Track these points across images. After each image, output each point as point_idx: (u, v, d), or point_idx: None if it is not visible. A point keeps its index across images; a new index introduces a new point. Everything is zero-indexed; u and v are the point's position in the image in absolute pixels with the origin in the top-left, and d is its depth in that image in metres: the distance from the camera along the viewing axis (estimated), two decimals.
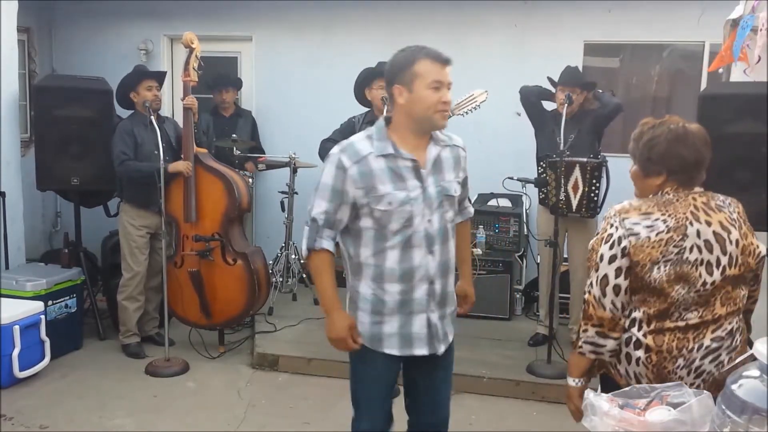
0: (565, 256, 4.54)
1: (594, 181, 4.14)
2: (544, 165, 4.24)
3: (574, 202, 4.21)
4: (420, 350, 2.22)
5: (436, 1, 5.59)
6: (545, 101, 4.48)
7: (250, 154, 5.41)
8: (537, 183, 4.34)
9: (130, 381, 4.08)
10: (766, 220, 2.79)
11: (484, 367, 4.12)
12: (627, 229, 1.97)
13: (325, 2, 5.77)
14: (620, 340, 2.04)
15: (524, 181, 4.65)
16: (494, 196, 5.33)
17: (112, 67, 5.20)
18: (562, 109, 4.12)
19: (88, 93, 4.58)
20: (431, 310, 2.24)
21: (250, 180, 5.24)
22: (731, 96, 3.15)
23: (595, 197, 4.17)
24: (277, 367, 4.29)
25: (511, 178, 4.59)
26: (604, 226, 2.03)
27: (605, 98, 4.35)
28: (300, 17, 5.89)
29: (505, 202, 5.31)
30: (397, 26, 5.66)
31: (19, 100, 4.95)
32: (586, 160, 4.15)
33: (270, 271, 4.84)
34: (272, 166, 5.32)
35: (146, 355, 4.41)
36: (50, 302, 4.29)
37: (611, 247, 1.98)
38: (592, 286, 2.03)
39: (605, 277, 2.00)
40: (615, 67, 5.82)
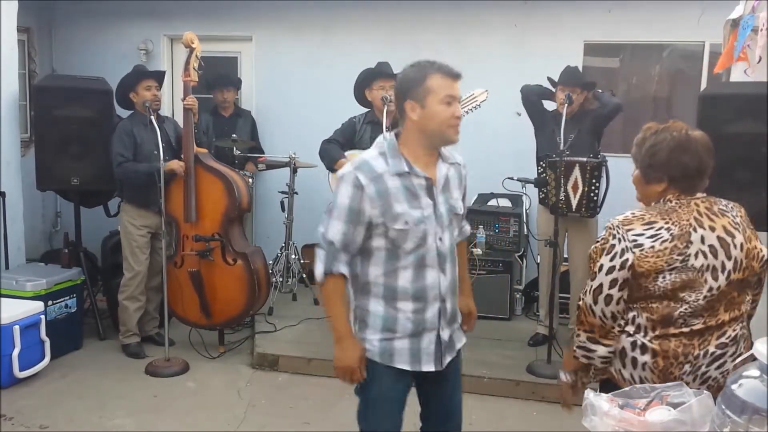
0: (565, 256, 4.54)
1: (594, 181, 4.14)
2: (544, 165, 4.24)
3: (574, 202, 4.21)
4: (428, 366, 2.21)
5: (436, 1, 5.59)
6: (546, 101, 4.48)
7: (250, 154, 5.41)
8: (537, 183, 4.34)
9: (130, 381, 4.08)
10: (766, 221, 2.79)
11: (484, 367, 4.12)
12: (631, 242, 1.96)
13: (325, 2, 5.78)
14: (612, 349, 2.04)
15: (524, 181, 4.65)
16: (494, 196, 5.33)
17: (112, 67, 5.20)
18: (562, 109, 4.12)
19: (88, 93, 4.58)
20: (442, 328, 2.22)
21: (250, 180, 5.24)
22: (731, 96, 3.15)
23: (595, 197, 4.17)
24: (277, 367, 4.30)
25: (511, 178, 4.60)
26: (606, 237, 2.02)
27: (605, 98, 4.35)
28: (300, 17, 5.89)
29: (505, 202, 5.31)
30: (397, 26, 5.66)
31: (19, 100, 4.95)
32: (585, 159, 4.15)
33: (270, 271, 4.84)
34: (272, 166, 5.32)
35: (146, 355, 4.41)
36: (50, 302, 4.29)
37: (612, 259, 1.98)
38: (586, 293, 2.05)
39: (600, 286, 2.00)
40: (615, 67, 5.82)
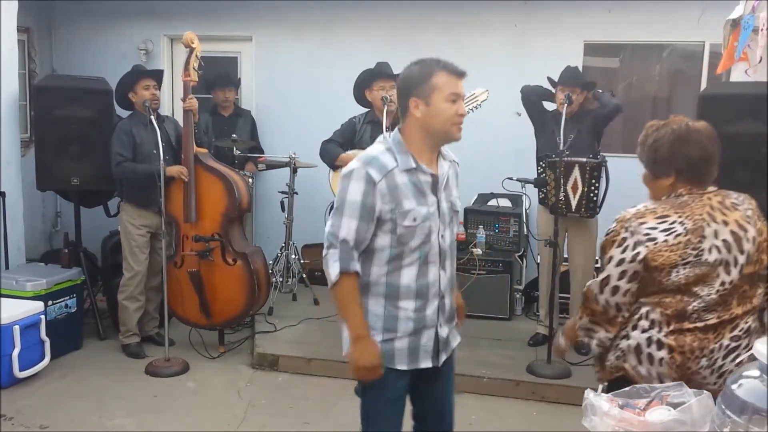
0: (565, 256, 4.54)
1: (593, 181, 4.14)
2: (544, 165, 4.24)
3: (574, 202, 4.21)
4: (425, 363, 2.21)
5: (436, 1, 5.59)
6: (546, 101, 4.48)
7: (250, 154, 5.41)
8: (536, 183, 4.34)
9: (130, 381, 4.08)
10: (766, 221, 2.79)
11: (484, 367, 4.12)
12: (644, 235, 1.96)
13: (325, 2, 5.78)
14: (612, 335, 2.08)
15: (523, 182, 4.65)
16: (494, 196, 5.33)
17: (112, 67, 5.20)
18: (562, 109, 4.12)
19: (88, 93, 4.59)
20: (440, 325, 2.22)
21: (250, 180, 5.24)
22: (731, 96, 3.15)
23: (595, 197, 4.17)
24: (277, 367, 4.29)
25: (511, 179, 4.60)
26: (617, 229, 2.02)
27: (604, 98, 4.35)
28: (300, 17, 5.89)
29: (505, 202, 5.31)
30: (397, 26, 5.66)
31: (19, 100, 4.95)
32: (585, 160, 4.15)
33: (270, 271, 4.84)
34: (272, 166, 5.32)
35: (146, 355, 4.41)
36: (50, 302, 4.29)
37: (623, 251, 1.98)
38: (593, 282, 2.08)
39: (608, 277, 2.02)
40: (615, 67, 5.82)
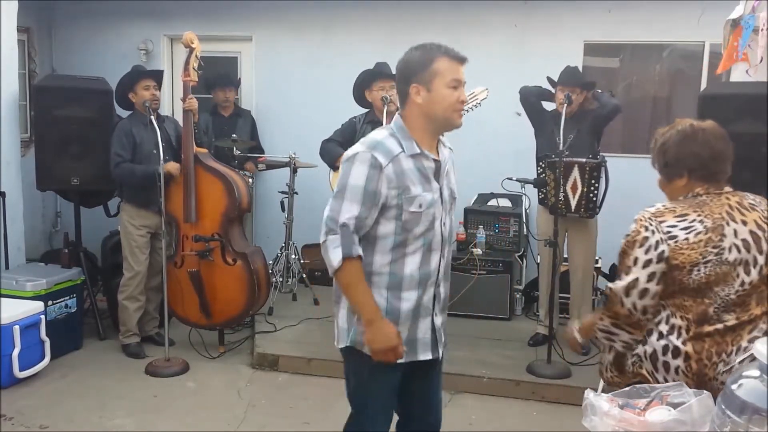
0: (565, 256, 4.54)
1: (593, 182, 4.14)
2: (543, 165, 4.24)
3: (573, 203, 4.21)
4: (424, 355, 2.18)
5: (436, 1, 5.59)
6: (545, 101, 4.48)
7: (250, 154, 5.41)
8: (536, 183, 4.34)
9: (130, 381, 4.08)
10: None
11: (484, 367, 4.12)
12: (665, 233, 1.95)
13: (325, 2, 5.78)
14: (636, 337, 2.03)
15: (523, 182, 4.65)
16: (494, 196, 5.33)
17: (112, 67, 5.20)
18: (562, 109, 4.12)
19: (88, 93, 4.59)
20: (435, 314, 2.19)
21: (250, 180, 5.24)
22: (731, 96, 3.15)
23: (594, 197, 4.17)
24: (277, 367, 4.29)
25: (510, 179, 4.60)
26: (637, 229, 2.00)
27: (604, 98, 4.34)
28: (300, 17, 5.89)
29: (505, 202, 5.31)
30: (397, 26, 5.66)
31: (19, 100, 4.95)
32: (584, 160, 4.15)
33: (270, 271, 4.84)
34: (272, 166, 5.32)
35: (146, 355, 4.40)
36: (50, 302, 4.29)
37: (647, 252, 1.97)
38: (617, 285, 2.02)
39: (635, 280, 1.98)
40: (615, 67, 5.82)
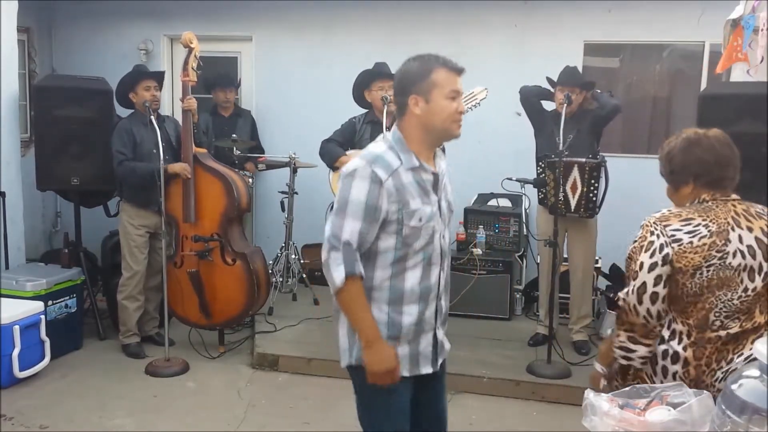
0: (565, 256, 4.54)
1: (593, 182, 4.14)
2: (543, 165, 4.24)
3: (573, 203, 4.21)
4: (425, 369, 2.18)
5: (436, 1, 5.59)
6: (545, 101, 4.48)
7: (250, 154, 5.41)
8: (535, 183, 4.34)
9: (130, 381, 4.08)
10: None
11: (484, 367, 4.12)
12: (669, 237, 1.96)
13: (325, 2, 5.77)
14: (653, 348, 2.02)
15: (523, 182, 4.65)
16: (494, 196, 5.33)
17: (112, 67, 5.20)
18: (561, 109, 4.12)
19: (88, 93, 4.59)
20: (437, 327, 2.20)
21: (250, 180, 5.24)
22: (731, 96, 3.15)
23: (594, 197, 4.17)
24: (277, 367, 4.29)
25: (510, 179, 4.60)
26: (643, 234, 2.01)
27: (603, 99, 4.34)
28: (300, 17, 5.89)
29: (505, 202, 5.31)
30: (397, 26, 5.66)
31: (19, 100, 4.95)
32: (584, 160, 4.15)
33: (270, 271, 4.84)
34: (272, 166, 5.32)
35: (146, 355, 4.41)
36: (50, 302, 4.29)
37: (652, 255, 1.97)
38: (628, 294, 2.02)
39: (643, 285, 1.98)
40: (615, 67, 5.82)
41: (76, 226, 4.87)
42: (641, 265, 1.99)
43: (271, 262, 5.12)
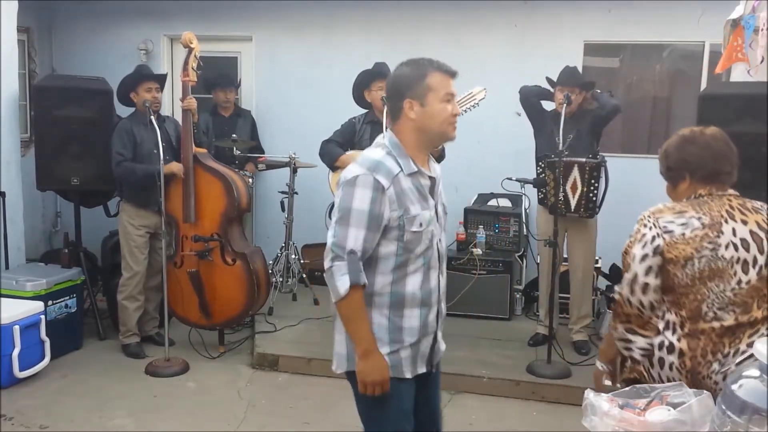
0: (565, 256, 4.54)
1: (593, 182, 4.14)
2: (543, 165, 4.24)
3: (573, 203, 4.21)
4: (422, 369, 2.20)
5: (436, 1, 5.59)
6: (545, 101, 4.48)
7: (250, 154, 5.41)
8: (535, 183, 4.34)
9: (130, 381, 4.08)
10: None
11: (484, 367, 4.12)
12: (661, 228, 1.99)
13: (325, 2, 5.78)
14: (651, 340, 2.04)
15: (523, 182, 4.65)
16: (494, 196, 5.33)
17: (112, 67, 5.21)
18: (561, 109, 4.12)
19: (88, 93, 4.59)
20: (438, 330, 2.22)
21: (250, 180, 5.24)
22: (731, 96, 3.15)
23: (594, 197, 4.17)
24: (277, 367, 4.29)
25: (510, 179, 4.60)
26: (638, 228, 2.05)
27: (603, 99, 4.34)
28: (300, 17, 5.89)
29: (505, 202, 5.31)
30: (397, 26, 5.66)
31: (19, 100, 4.95)
32: (584, 160, 4.15)
33: (270, 271, 4.84)
34: (272, 166, 5.32)
35: (146, 355, 4.41)
36: (50, 302, 4.29)
37: (644, 247, 2.00)
38: (622, 286, 2.06)
39: (635, 276, 2.02)
40: (615, 67, 5.82)
41: (76, 226, 4.87)
42: (633, 257, 2.02)
43: (271, 262, 5.12)
